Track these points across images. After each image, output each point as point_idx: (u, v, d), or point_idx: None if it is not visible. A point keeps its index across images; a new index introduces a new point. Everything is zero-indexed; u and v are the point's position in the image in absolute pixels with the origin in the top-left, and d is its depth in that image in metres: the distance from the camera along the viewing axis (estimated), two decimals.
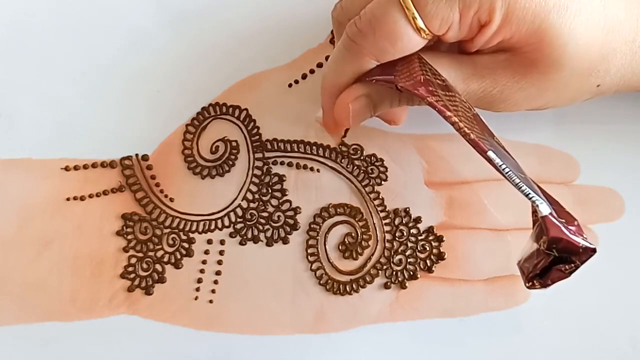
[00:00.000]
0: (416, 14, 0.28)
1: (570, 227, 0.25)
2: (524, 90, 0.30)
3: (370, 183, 0.36)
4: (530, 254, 0.27)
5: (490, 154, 0.26)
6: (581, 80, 0.30)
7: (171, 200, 0.36)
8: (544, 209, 0.25)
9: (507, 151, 0.29)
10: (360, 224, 0.36)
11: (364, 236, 0.36)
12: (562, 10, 0.28)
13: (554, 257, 0.26)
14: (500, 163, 0.26)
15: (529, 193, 0.26)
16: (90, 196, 0.36)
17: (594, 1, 0.28)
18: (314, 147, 0.37)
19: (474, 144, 0.27)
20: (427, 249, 0.36)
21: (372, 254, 0.36)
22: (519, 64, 0.29)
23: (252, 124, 0.37)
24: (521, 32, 0.28)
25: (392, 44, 0.29)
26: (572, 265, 0.26)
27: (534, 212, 0.27)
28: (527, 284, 0.27)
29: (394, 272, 0.35)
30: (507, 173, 0.26)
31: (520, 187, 0.26)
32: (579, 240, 0.25)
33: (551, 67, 0.29)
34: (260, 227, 0.36)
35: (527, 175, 0.28)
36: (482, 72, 0.30)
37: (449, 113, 0.27)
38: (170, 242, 0.36)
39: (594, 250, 0.25)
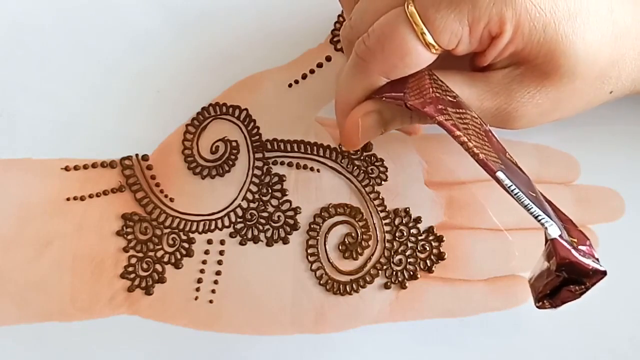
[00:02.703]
0: (424, 30, 0.28)
1: (580, 248, 0.25)
2: (539, 106, 0.30)
3: (370, 183, 0.36)
4: (541, 273, 0.27)
5: (499, 174, 0.26)
6: (594, 88, 0.30)
7: (171, 200, 0.36)
8: (554, 231, 0.25)
9: (519, 167, 0.28)
10: (360, 224, 0.36)
11: (364, 236, 0.36)
12: (572, 19, 0.28)
13: (564, 278, 0.25)
14: (510, 184, 0.26)
15: (539, 215, 0.26)
16: (90, 196, 0.36)
17: (601, 8, 0.28)
18: (314, 147, 0.37)
19: (483, 164, 0.26)
20: (427, 249, 0.36)
21: (372, 254, 0.36)
22: (533, 77, 0.29)
23: (252, 124, 0.37)
24: (533, 42, 0.28)
25: (401, 60, 0.28)
26: (583, 286, 0.26)
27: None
28: (537, 304, 0.27)
29: (394, 272, 0.35)
30: (515, 194, 0.26)
31: (530, 209, 0.26)
32: (588, 262, 0.25)
33: (564, 78, 0.29)
34: (260, 227, 0.36)
35: (539, 193, 0.28)
36: (496, 88, 0.30)
37: (458, 132, 0.27)
38: (170, 242, 0.36)
39: (604, 273, 0.25)
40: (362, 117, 0.30)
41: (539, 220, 0.26)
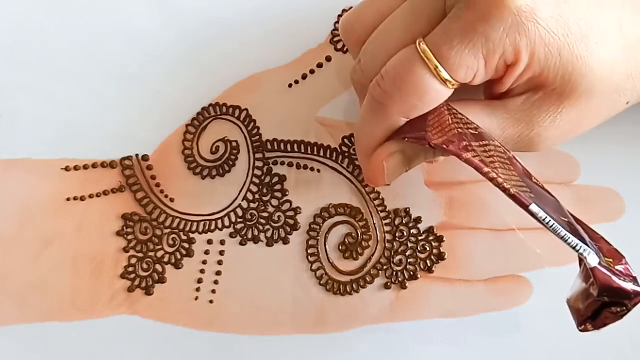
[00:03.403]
0: (439, 67, 0.27)
1: (618, 269, 0.26)
2: (560, 128, 0.30)
3: None
4: (580, 294, 0.27)
5: (533, 207, 0.26)
6: (612, 102, 0.30)
7: (171, 200, 0.36)
8: (592, 259, 0.25)
9: (545, 189, 0.28)
10: (360, 224, 0.36)
11: (364, 236, 0.36)
12: (585, 39, 0.28)
13: (605, 301, 0.26)
14: (544, 216, 0.26)
15: (576, 245, 0.26)
16: (90, 196, 0.36)
17: (611, 24, 0.28)
18: (314, 147, 0.37)
19: (514, 198, 0.26)
20: (427, 249, 0.36)
21: (372, 254, 0.36)
22: (552, 100, 0.29)
23: (252, 124, 0.37)
24: (550, 67, 0.28)
25: (419, 99, 0.28)
26: (624, 308, 0.26)
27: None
28: (579, 327, 0.27)
29: (394, 272, 0.35)
30: (551, 226, 0.26)
31: (567, 240, 0.26)
32: (628, 286, 0.25)
33: (582, 97, 0.29)
34: (260, 227, 0.36)
35: (568, 213, 0.27)
36: (517, 115, 0.30)
37: (486, 169, 0.26)
38: (170, 242, 0.36)
39: None
40: (386, 159, 0.30)
41: (576, 250, 0.26)
